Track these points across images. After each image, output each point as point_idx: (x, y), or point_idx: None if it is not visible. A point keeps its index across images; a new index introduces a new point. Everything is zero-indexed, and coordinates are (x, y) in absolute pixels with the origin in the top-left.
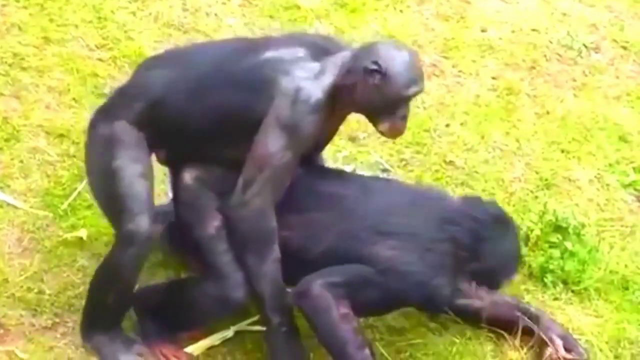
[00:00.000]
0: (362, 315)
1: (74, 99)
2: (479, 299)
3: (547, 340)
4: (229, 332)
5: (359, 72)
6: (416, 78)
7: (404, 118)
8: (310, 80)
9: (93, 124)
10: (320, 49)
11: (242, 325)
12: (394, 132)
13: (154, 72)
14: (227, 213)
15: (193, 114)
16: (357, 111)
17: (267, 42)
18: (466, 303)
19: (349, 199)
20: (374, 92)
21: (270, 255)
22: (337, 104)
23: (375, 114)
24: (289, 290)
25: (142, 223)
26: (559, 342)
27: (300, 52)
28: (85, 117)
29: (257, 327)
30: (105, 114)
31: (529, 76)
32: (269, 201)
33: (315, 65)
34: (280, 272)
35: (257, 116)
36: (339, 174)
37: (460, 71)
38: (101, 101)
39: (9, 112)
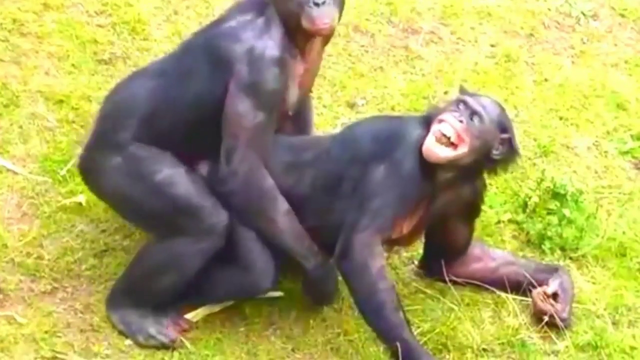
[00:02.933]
0: (412, 240)
1: (73, 65)
2: (492, 259)
3: (536, 283)
4: (229, 301)
5: None
6: None
7: (314, 4)
8: (259, 37)
9: (95, 160)
10: (262, 3)
11: None
12: (314, 23)
13: (134, 88)
14: (218, 189)
15: (181, 114)
16: (292, 32)
17: (218, 18)
18: (480, 267)
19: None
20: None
21: (278, 210)
22: (298, 43)
23: (293, 20)
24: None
25: (223, 215)
26: (552, 288)
27: (249, 15)
28: (84, 83)
29: (260, 296)
30: (105, 146)
31: (527, 44)
32: (256, 162)
33: (260, 21)
34: (296, 220)
35: (225, 91)
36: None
37: (458, 38)
38: (101, 67)
39: (8, 77)
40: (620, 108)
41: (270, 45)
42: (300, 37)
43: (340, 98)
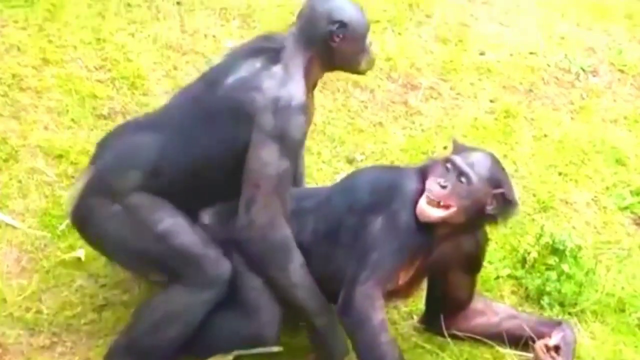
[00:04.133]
0: (411, 292)
1: (72, 119)
2: (494, 314)
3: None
4: (230, 356)
5: (322, 39)
6: (362, 11)
7: (371, 44)
8: (283, 86)
9: (91, 208)
10: (270, 49)
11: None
12: (371, 63)
13: (137, 141)
14: (237, 238)
15: (188, 167)
16: (331, 70)
17: (223, 67)
18: (483, 322)
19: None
20: (345, 44)
21: (294, 263)
22: (311, 81)
23: (353, 61)
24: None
25: (225, 265)
26: (554, 341)
27: (257, 62)
28: (83, 137)
29: (257, 351)
30: (103, 195)
31: (526, 99)
32: (276, 212)
33: (276, 69)
34: (310, 275)
35: (244, 142)
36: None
37: (458, 94)
38: (100, 122)
39: (7, 132)
40: (619, 164)
41: (295, 93)
42: (317, 76)
43: (340, 153)
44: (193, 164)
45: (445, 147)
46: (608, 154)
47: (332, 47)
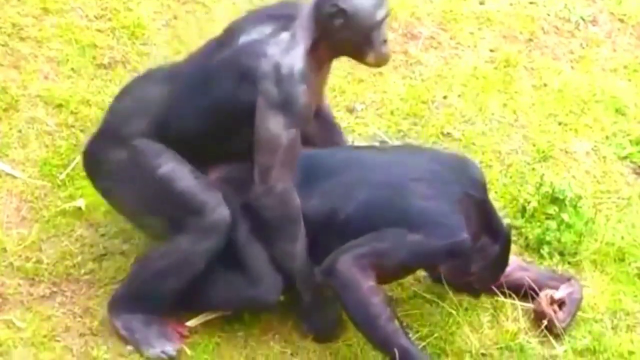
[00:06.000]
0: (387, 282)
1: (72, 69)
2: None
3: (536, 287)
4: (227, 312)
5: (324, 20)
6: (378, 2)
7: (385, 42)
8: (286, 53)
9: (100, 154)
10: (285, 16)
11: None
12: (381, 60)
13: (149, 88)
14: (252, 204)
15: (194, 123)
16: (340, 55)
17: (237, 28)
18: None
19: (367, 157)
20: (345, 32)
21: (300, 233)
22: (320, 58)
23: (356, 51)
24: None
25: (224, 212)
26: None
27: (268, 28)
28: (83, 87)
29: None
30: (111, 140)
31: (526, 49)
32: (289, 182)
33: (285, 36)
34: (306, 249)
35: (248, 105)
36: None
37: (458, 43)
38: (100, 72)
39: (7, 82)
40: (619, 113)
41: (296, 61)
42: (322, 57)
43: (340, 103)
44: (196, 120)
45: (445, 97)
46: (608, 103)
47: (333, 32)
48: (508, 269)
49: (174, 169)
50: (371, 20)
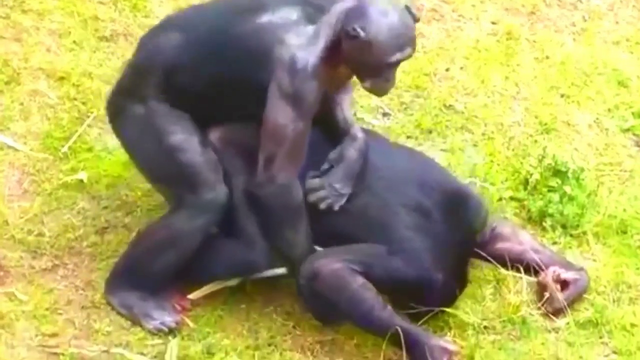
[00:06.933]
0: None
1: (74, 41)
2: (519, 243)
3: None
4: (233, 281)
5: (344, 33)
6: (401, 45)
7: (388, 80)
8: (304, 47)
9: (120, 106)
10: (316, 7)
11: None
12: (376, 92)
13: (161, 39)
14: (254, 191)
15: (202, 79)
16: (347, 67)
17: (263, 3)
18: (505, 247)
19: (377, 162)
20: (357, 55)
21: (302, 223)
22: (335, 59)
23: (358, 72)
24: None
25: (221, 191)
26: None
27: (294, 14)
28: (85, 60)
29: (259, 276)
30: (129, 95)
31: (528, 21)
32: (292, 173)
33: (309, 29)
34: (311, 239)
35: (260, 84)
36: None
37: (460, 15)
38: (102, 44)
39: (9, 54)
40: (621, 85)
41: (313, 58)
42: (337, 60)
43: None
44: (204, 83)
45: (447, 69)
46: (610, 75)
47: (347, 47)
48: (519, 248)
49: (184, 141)
50: (384, 60)
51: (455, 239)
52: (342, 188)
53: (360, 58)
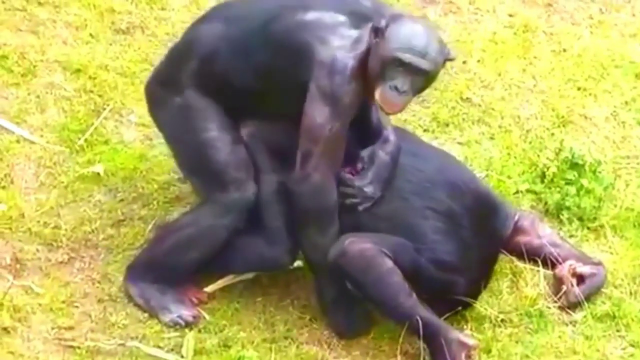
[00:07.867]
0: None
1: (90, 34)
2: (538, 237)
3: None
4: (249, 275)
5: (372, 29)
6: (413, 47)
7: (395, 89)
8: (346, 50)
9: (158, 95)
10: (363, 14)
11: None
12: (385, 103)
13: (203, 27)
14: (290, 188)
15: (239, 71)
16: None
17: (311, 3)
18: (524, 241)
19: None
20: (374, 50)
21: (332, 227)
22: (368, 73)
23: (372, 80)
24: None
25: (250, 191)
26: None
27: (342, 16)
28: (101, 52)
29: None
30: (167, 83)
31: (545, 13)
32: (328, 173)
33: (353, 33)
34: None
35: (299, 80)
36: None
37: (477, 8)
38: (118, 37)
39: (26, 47)
40: (638, 78)
41: (352, 61)
42: (368, 73)
43: None
44: (242, 76)
45: (464, 62)
46: (627, 68)
47: (371, 47)
48: (538, 242)
49: (217, 139)
50: (392, 52)
51: (483, 245)
52: (370, 191)
53: (375, 52)
